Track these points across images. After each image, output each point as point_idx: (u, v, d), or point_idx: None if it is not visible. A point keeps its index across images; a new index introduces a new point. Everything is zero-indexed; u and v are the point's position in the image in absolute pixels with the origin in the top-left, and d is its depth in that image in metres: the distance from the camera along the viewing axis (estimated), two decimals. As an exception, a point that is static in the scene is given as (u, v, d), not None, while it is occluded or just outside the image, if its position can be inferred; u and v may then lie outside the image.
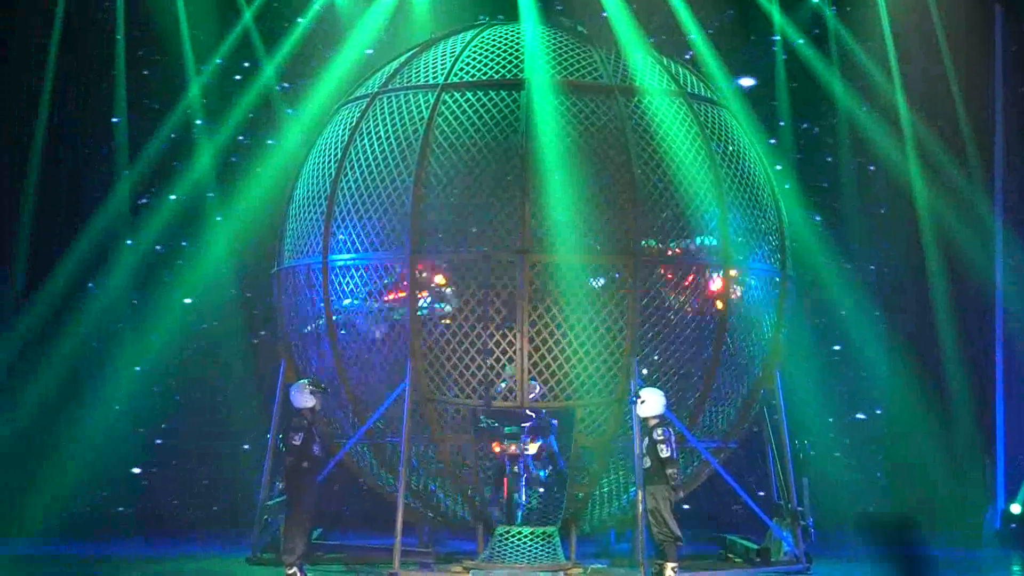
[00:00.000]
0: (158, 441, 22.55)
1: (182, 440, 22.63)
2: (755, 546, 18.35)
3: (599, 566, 17.32)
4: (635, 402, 16.22)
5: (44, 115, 21.95)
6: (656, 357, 16.97)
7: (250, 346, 22.57)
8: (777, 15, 22.66)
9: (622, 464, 17.26)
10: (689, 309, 17.10)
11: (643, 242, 16.88)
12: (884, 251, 23.54)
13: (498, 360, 16.67)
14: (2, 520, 20.64)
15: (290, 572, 15.82)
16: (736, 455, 19.04)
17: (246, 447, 22.19)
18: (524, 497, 17.23)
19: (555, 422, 17.48)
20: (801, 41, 22.81)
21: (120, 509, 22.04)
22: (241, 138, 22.50)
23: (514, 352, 16.64)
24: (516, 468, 17.16)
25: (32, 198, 21.92)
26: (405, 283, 16.85)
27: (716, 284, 17.28)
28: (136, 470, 22.36)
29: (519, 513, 17.19)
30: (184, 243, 22.37)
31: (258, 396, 21.73)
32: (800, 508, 17.96)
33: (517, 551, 16.61)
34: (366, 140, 17.42)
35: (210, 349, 22.66)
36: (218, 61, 22.37)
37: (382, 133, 17.35)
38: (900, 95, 22.62)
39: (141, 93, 22.49)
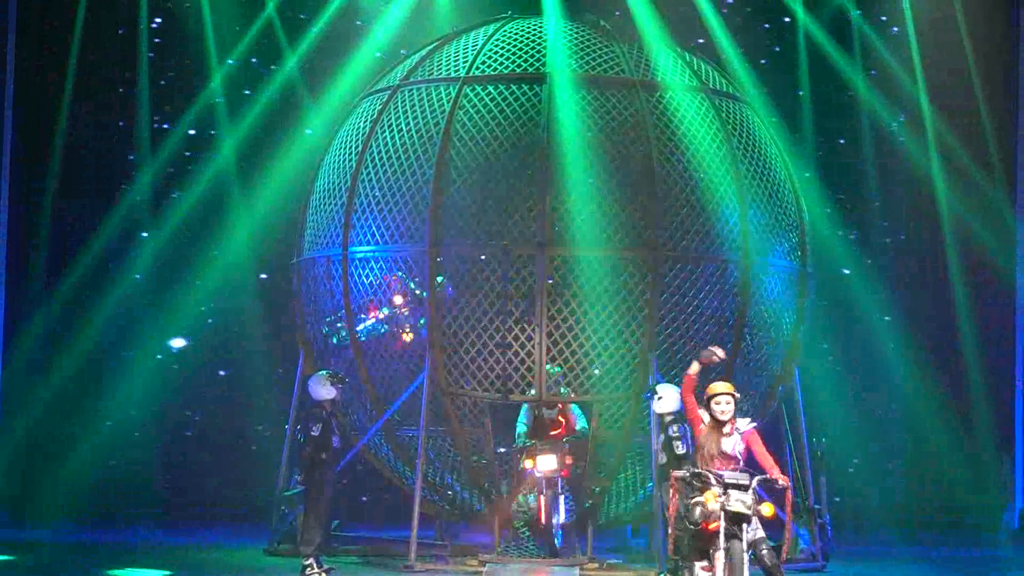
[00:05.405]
0: (177, 431, 22.57)
1: (201, 430, 22.65)
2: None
3: (615, 561, 17.30)
4: (651, 398, 16.20)
5: (66, 105, 21.99)
6: (675, 353, 16.95)
7: (270, 338, 22.55)
8: (801, 12, 22.56)
9: (639, 460, 17.25)
10: (708, 305, 17.08)
11: (663, 237, 16.86)
12: (905, 249, 23.44)
13: (516, 354, 16.68)
14: (23, 506, 20.70)
15: (307, 563, 15.84)
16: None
17: (260, 428, 22.16)
18: (564, 516, 16.97)
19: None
20: (822, 39, 22.71)
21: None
22: (263, 130, 22.48)
23: (533, 346, 16.66)
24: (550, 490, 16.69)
25: (55, 184, 21.97)
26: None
27: (736, 280, 17.25)
28: (155, 459, 22.38)
29: (559, 534, 16.95)
30: (205, 235, 22.34)
31: (278, 387, 21.76)
32: (817, 506, 17.93)
33: (533, 545, 16.61)
34: (387, 133, 17.43)
35: (230, 340, 22.66)
36: (240, 51, 22.37)
37: (403, 126, 17.36)
38: (923, 94, 22.52)
39: (163, 84, 22.49)
